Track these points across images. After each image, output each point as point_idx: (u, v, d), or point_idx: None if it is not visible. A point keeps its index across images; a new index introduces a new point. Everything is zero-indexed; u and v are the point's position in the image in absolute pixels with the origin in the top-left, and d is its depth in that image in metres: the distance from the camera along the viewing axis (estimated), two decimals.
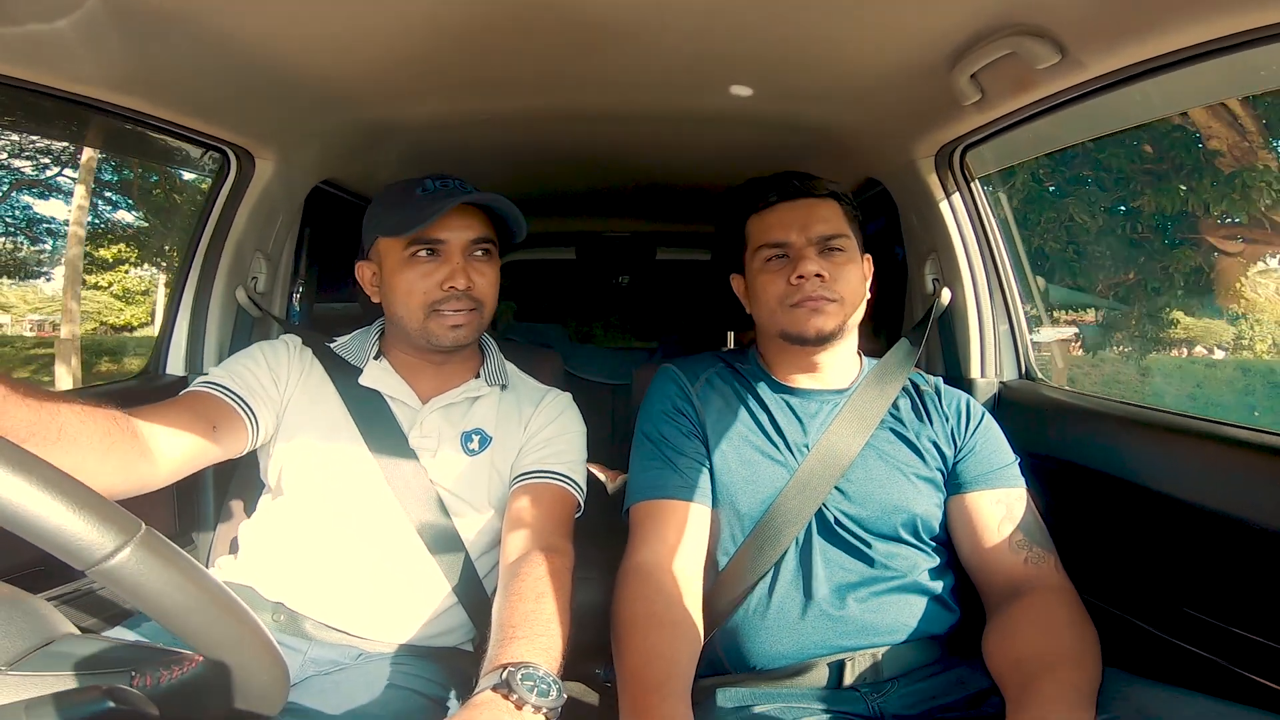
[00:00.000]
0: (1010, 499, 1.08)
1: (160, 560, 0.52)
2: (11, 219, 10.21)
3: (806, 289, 1.09)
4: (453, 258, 1.11)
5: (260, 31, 1.06)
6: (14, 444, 0.49)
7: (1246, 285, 7.93)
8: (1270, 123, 7.07)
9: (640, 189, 2.21)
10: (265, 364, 1.16)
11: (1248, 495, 0.96)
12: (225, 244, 1.51)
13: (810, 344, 1.12)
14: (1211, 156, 7.18)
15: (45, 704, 0.49)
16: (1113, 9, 0.91)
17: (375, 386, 1.16)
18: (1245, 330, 8.94)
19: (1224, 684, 0.94)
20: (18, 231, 10.55)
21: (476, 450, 1.16)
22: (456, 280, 1.10)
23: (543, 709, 0.74)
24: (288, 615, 1.06)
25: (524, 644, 0.82)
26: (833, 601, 1.03)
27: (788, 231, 1.12)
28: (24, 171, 10.20)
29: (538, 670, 0.77)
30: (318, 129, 1.47)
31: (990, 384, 1.51)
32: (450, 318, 1.11)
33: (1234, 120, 6.95)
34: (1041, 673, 0.86)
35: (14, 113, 2.36)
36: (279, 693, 0.60)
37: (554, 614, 0.90)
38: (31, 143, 7.86)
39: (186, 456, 0.99)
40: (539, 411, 1.22)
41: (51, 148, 9.41)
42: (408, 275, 1.11)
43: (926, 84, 1.20)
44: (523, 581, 0.94)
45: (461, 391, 1.19)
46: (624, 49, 1.15)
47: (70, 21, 0.94)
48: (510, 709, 0.73)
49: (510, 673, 0.75)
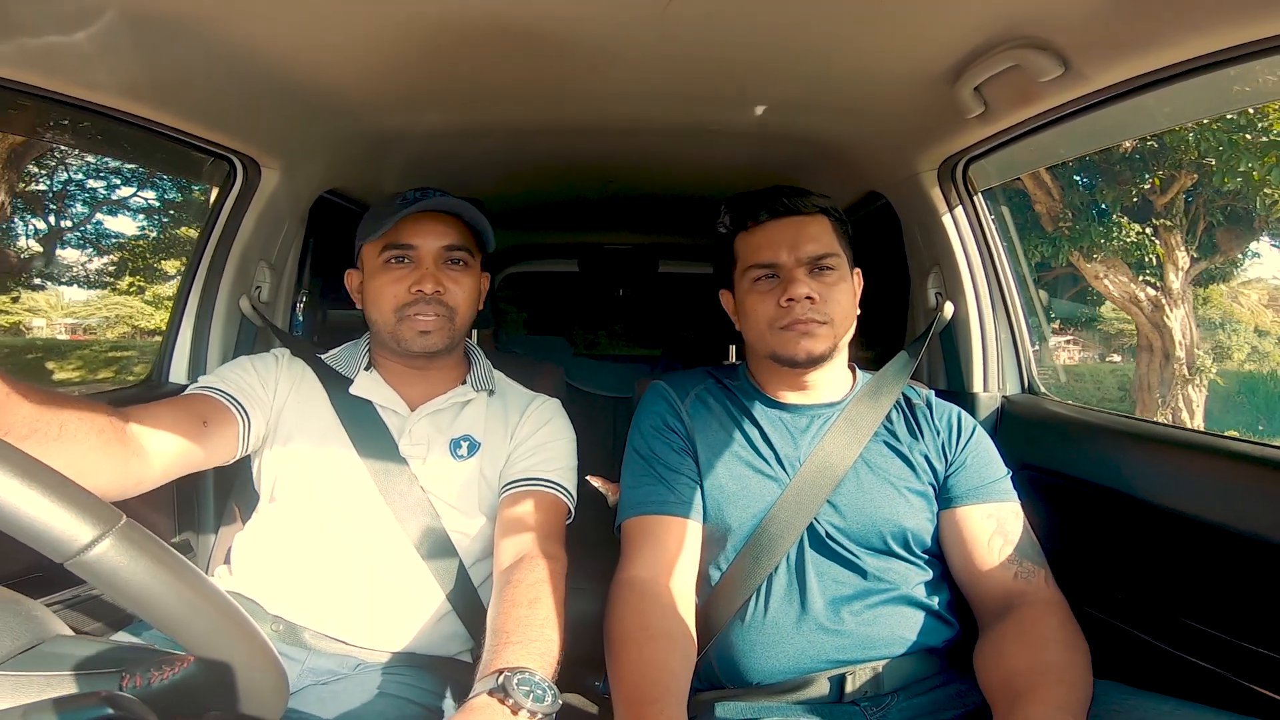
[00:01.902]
0: (1001, 513, 1.07)
1: (141, 553, 0.50)
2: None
3: (796, 312, 1.08)
4: (423, 263, 1.14)
5: (268, 42, 1.07)
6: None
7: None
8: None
9: (642, 202, 2.22)
10: (254, 371, 1.17)
11: (1250, 509, 0.95)
12: (230, 253, 1.51)
13: (800, 366, 1.11)
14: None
15: (44, 709, 0.48)
16: (1116, 22, 0.91)
17: (365, 395, 1.17)
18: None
19: (1223, 696, 0.93)
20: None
21: (465, 456, 1.17)
22: (424, 284, 1.12)
23: (538, 714, 0.74)
24: (286, 626, 1.06)
25: (519, 649, 0.83)
26: (828, 615, 1.02)
27: (777, 252, 1.10)
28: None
29: (533, 676, 0.78)
30: (323, 139, 1.48)
31: (993, 398, 1.51)
32: (419, 322, 1.13)
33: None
34: (1029, 691, 0.85)
35: (28, 121, 2.39)
36: (277, 695, 0.59)
37: (548, 619, 0.90)
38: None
39: (178, 454, 0.98)
40: (526, 418, 1.23)
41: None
42: (381, 280, 1.14)
43: (930, 97, 1.21)
44: (516, 588, 0.95)
45: (449, 397, 1.20)
46: (627, 62, 1.16)
47: (83, 30, 0.95)
48: (506, 714, 0.73)
49: (506, 677, 0.76)
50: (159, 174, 10.41)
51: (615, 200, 2.19)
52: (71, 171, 10.45)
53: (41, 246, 10.88)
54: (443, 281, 1.14)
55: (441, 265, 1.15)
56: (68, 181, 10.59)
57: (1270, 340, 11.89)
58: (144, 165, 9.90)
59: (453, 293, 1.15)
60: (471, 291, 1.19)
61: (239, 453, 1.11)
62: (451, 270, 1.16)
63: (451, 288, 1.15)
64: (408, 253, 1.14)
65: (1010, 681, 0.89)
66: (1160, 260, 8.80)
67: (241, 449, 1.11)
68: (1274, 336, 11.97)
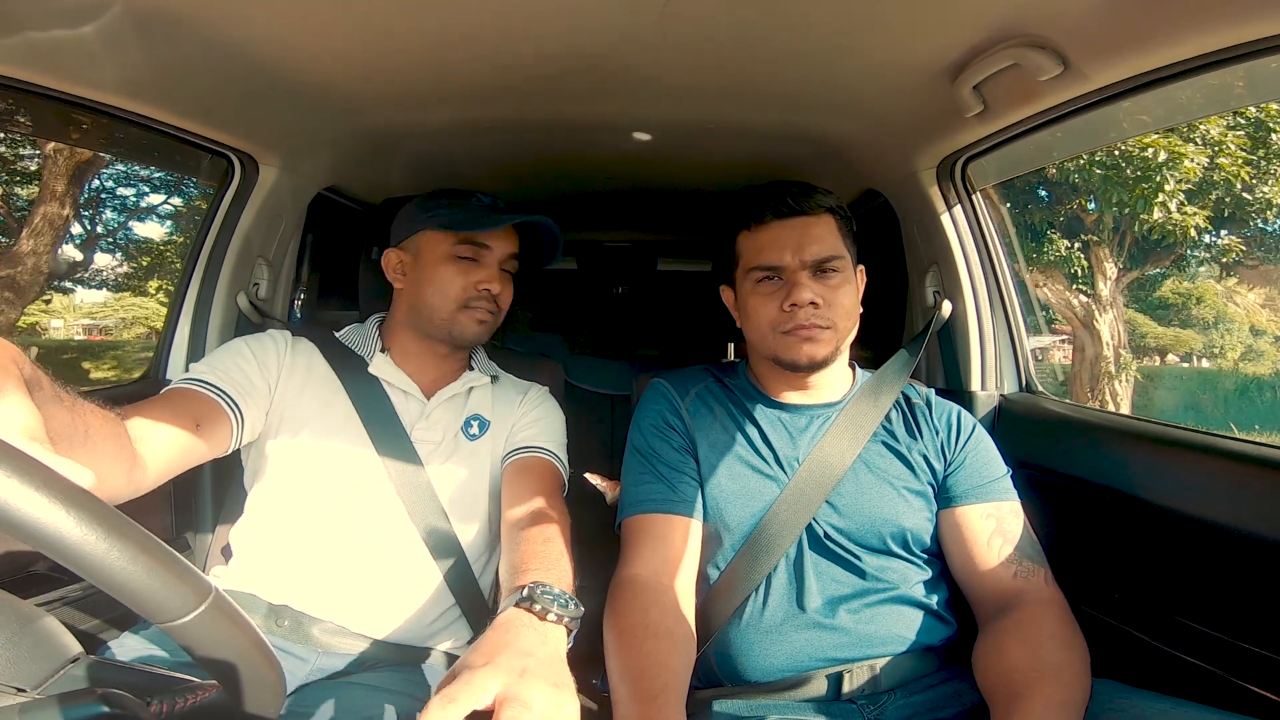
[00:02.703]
0: (1001, 512, 1.07)
1: (227, 620, 0.52)
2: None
3: (800, 317, 1.07)
4: (491, 265, 1.21)
5: (266, 39, 1.07)
6: (106, 504, 0.49)
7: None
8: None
9: (641, 199, 2.22)
10: (252, 358, 1.15)
11: (1247, 507, 0.96)
12: (228, 250, 1.51)
13: (803, 370, 1.11)
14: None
15: (42, 707, 0.48)
16: (1115, 20, 0.91)
17: (382, 376, 1.20)
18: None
19: (1220, 695, 0.93)
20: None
21: (477, 435, 1.22)
22: (493, 285, 1.20)
23: (564, 618, 0.77)
24: (292, 619, 1.06)
25: (539, 573, 0.87)
26: (825, 613, 1.02)
27: (781, 254, 1.09)
28: (95, 189, 10.47)
29: (554, 588, 0.80)
30: (322, 136, 1.48)
31: (990, 397, 1.51)
32: (478, 313, 1.20)
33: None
34: (1027, 689, 0.85)
35: (26, 119, 2.38)
36: (274, 692, 0.59)
37: (562, 554, 0.95)
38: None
39: (173, 457, 0.98)
40: (525, 400, 1.30)
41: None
42: (449, 269, 1.19)
43: (928, 95, 1.21)
44: (528, 530, 1.01)
45: (463, 382, 1.26)
46: (626, 59, 1.16)
47: (81, 27, 0.95)
48: (533, 620, 0.76)
49: (531, 588, 0.79)
50: (180, 177, 10.45)
51: (614, 197, 2.19)
52: (101, 179, 10.52)
53: (76, 251, 10.91)
54: (500, 284, 1.22)
55: (501, 268, 1.23)
56: (98, 189, 10.67)
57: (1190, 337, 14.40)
58: (141, 162, 9.90)
59: (504, 295, 1.23)
60: (512, 296, 1.27)
61: (232, 447, 1.10)
62: (506, 275, 1.25)
63: (504, 290, 1.23)
64: (481, 253, 1.20)
65: (1008, 679, 0.89)
66: (1089, 271, 10.37)
67: (235, 443, 1.10)
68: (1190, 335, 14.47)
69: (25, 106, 1.08)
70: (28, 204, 8.70)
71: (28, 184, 9.29)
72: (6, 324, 7.85)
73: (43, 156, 8.26)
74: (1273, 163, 8.81)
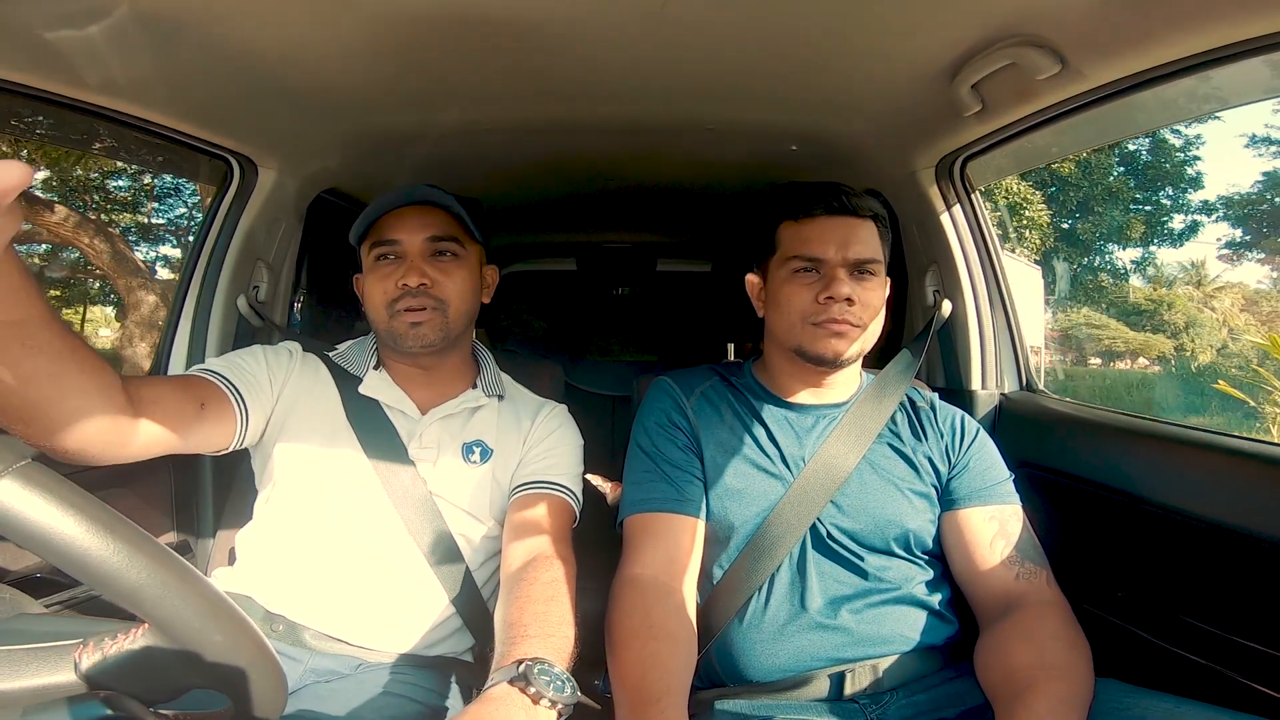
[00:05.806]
0: (1003, 515, 1.08)
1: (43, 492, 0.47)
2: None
3: (833, 311, 1.07)
4: (409, 257, 1.12)
5: (264, 42, 1.07)
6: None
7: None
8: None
9: (641, 200, 2.22)
10: (265, 363, 1.15)
11: (1249, 506, 0.96)
12: (228, 253, 1.51)
13: (826, 365, 1.11)
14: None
15: (43, 710, 0.49)
16: (1113, 19, 0.91)
17: (374, 395, 1.16)
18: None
19: (1223, 694, 0.93)
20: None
21: (478, 462, 1.16)
22: (408, 278, 1.10)
23: (558, 704, 0.73)
24: (287, 625, 1.06)
25: (537, 642, 0.81)
26: (827, 613, 1.02)
27: (825, 248, 1.09)
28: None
29: (553, 667, 0.76)
30: (321, 139, 1.48)
31: (991, 396, 1.51)
32: (408, 315, 1.11)
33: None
34: (1031, 687, 0.86)
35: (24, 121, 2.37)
36: (276, 694, 0.58)
37: (564, 617, 0.89)
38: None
39: (169, 428, 0.93)
40: (538, 424, 1.22)
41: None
42: (372, 277, 1.14)
43: (927, 94, 1.21)
44: (530, 585, 0.93)
45: (460, 402, 1.18)
46: (624, 60, 1.16)
47: (79, 30, 0.95)
48: (526, 704, 0.71)
49: (528, 667, 0.74)
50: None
51: (613, 198, 2.19)
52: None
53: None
54: (429, 274, 1.11)
55: (429, 258, 1.13)
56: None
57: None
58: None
59: (442, 285, 1.12)
60: (464, 283, 1.15)
61: (232, 445, 1.09)
62: (440, 262, 1.13)
63: (440, 280, 1.12)
64: (393, 249, 1.13)
65: (1012, 678, 0.90)
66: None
67: (236, 443, 1.09)
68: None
69: (24, 109, 1.08)
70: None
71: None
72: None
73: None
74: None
